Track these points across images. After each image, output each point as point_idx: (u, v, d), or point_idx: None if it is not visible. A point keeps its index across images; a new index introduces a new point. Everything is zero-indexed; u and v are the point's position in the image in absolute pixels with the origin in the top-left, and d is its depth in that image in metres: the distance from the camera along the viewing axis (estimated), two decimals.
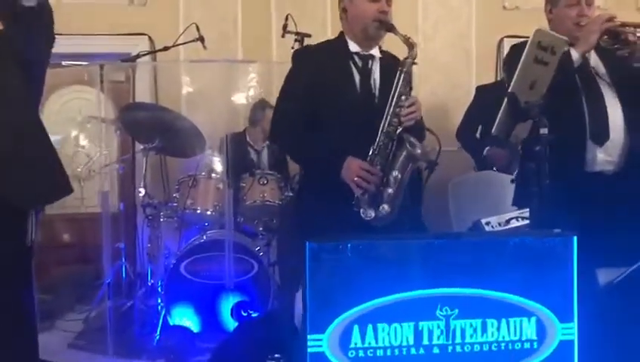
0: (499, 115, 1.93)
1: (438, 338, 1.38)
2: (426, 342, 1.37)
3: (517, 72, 1.91)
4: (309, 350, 1.31)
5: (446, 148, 4.29)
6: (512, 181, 2.05)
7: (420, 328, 1.37)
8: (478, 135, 3.24)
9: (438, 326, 1.37)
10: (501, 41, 4.61)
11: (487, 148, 3.39)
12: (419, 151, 2.06)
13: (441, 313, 1.37)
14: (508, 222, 2.49)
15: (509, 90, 1.91)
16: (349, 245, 1.34)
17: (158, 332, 3.18)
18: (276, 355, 2.23)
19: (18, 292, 2.01)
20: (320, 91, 2.15)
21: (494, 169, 3.40)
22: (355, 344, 1.35)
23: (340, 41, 2.24)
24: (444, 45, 4.70)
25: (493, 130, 1.94)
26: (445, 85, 4.70)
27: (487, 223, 2.52)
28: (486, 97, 3.65)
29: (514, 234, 2.18)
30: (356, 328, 1.35)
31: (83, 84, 4.38)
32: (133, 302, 3.52)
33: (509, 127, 1.96)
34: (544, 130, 1.75)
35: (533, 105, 1.80)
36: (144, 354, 3.10)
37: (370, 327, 1.35)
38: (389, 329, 1.36)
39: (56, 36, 2.13)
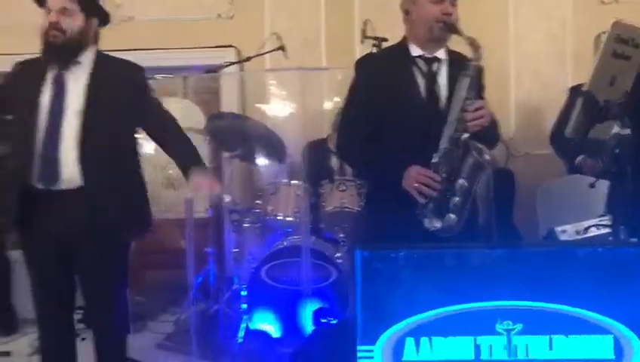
0: (573, 115, 1.79)
1: (500, 353, 1.30)
2: (485, 356, 1.30)
3: (594, 68, 1.76)
4: (360, 361, 1.28)
5: (539, 151, 4.09)
6: (591, 185, 1.89)
7: (479, 342, 1.29)
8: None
9: (499, 342, 1.29)
10: (598, 37, 4.32)
11: (580, 157, 3.18)
12: (487, 157, 1.96)
13: (502, 327, 1.29)
14: (586, 230, 2.30)
15: (585, 89, 1.77)
16: (401, 254, 1.29)
17: (240, 336, 3.25)
18: None
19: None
20: (383, 98, 2.11)
21: None
22: (409, 357, 1.30)
23: (402, 45, 2.20)
24: (537, 44, 4.50)
25: (566, 130, 1.81)
26: (538, 86, 4.50)
27: (563, 231, 2.34)
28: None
29: (585, 243, 2.02)
30: (410, 340, 1.30)
31: (175, 95, 4.59)
32: (219, 307, 3.63)
33: (586, 127, 1.82)
34: (626, 131, 1.60)
35: (613, 103, 1.66)
36: (226, 358, 3.19)
37: (425, 340, 1.30)
38: (445, 343, 1.30)
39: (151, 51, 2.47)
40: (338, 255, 3.46)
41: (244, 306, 3.39)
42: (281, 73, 4.46)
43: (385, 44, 3.35)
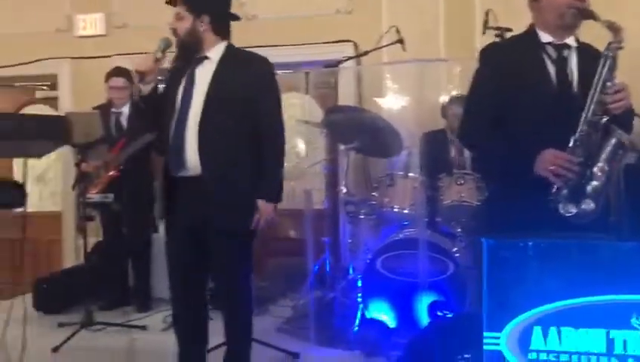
0: None
1: (634, 349, 1.25)
2: (619, 351, 1.25)
3: None
4: (485, 347, 1.28)
5: None
6: None
7: (612, 336, 1.25)
8: None
9: (635, 337, 1.24)
10: None
11: None
12: (627, 141, 1.88)
13: (638, 322, 1.24)
14: None
15: None
16: (530, 243, 1.28)
17: (356, 325, 3.32)
18: (466, 355, 2.20)
19: None
20: (511, 87, 2.07)
21: None
22: (536, 346, 1.28)
23: (531, 33, 2.14)
24: None
25: None
26: None
27: None
28: None
29: None
30: (537, 329, 1.28)
31: (295, 90, 4.74)
32: (335, 294, 3.72)
33: None
34: None
35: None
36: (342, 344, 3.27)
37: (553, 330, 1.28)
38: (575, 334, 1.27)
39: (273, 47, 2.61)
40: (455, 249, 3.43)
41: (360, 295, 3.46)
42: (397, 66, 4.47)
43: (508, 35, 3.26)
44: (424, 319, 3.23)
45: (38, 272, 5.51)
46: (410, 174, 3.56)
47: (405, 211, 3.53)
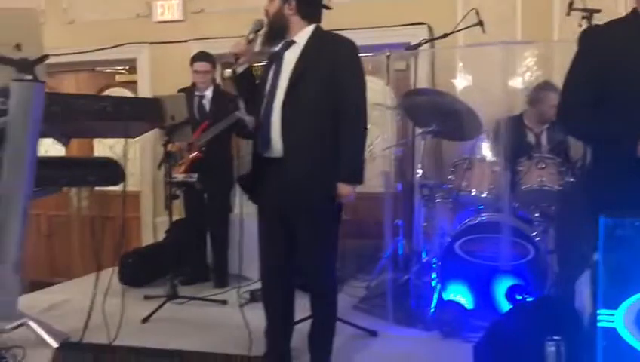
0: None
1: None
2: None
3: None
4: (600, 324, 1.30)
5: None
6: None
7: None
8: None
9: None
10: None
11: None
12: None
13: None
14: None
15: None
16: None
17: (433, 306, 3.36)
18: (555, 337, 2.20)
19: None
20: (613, 71, 2.04)
21: None
22: None
23: (634, 16, 2.09)
24: None
25: None
26: None
27: None
28: None
29: None
30: None
31: (368, 74, 4.75)
32: (409, 276, 3.76)
33: None
34: None
35: None
36: (420, 324, 3.32)
37: None
38: None
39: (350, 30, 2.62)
40: (534, 233, 3.40)
41: (435, 277, 3.49)
42: (472, 49, 4.43)
43: (597, 17, 3.18)
44: (502, 302, 3.24)
45: (119, 249, 5.82)
46: (489, 158, 3.54)
47: (483, 195, 3.52)
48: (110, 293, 3.10)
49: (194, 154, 4.18)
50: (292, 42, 2.60)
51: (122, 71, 5.78)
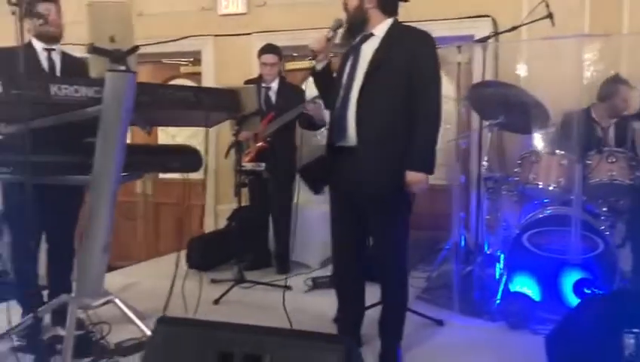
0: None
1: None
2: None
3: None
4: None
5: None
6: None
7: None
8: None
9: None
10: None
11: None
12: None
13: None
14: None
15: None
16: None
17: (498, 297, 3.38)
18: (634, 330, 2.21)
19: None
20: None
21: None
22: None
23: None
24: None
25: None
26: None
27: None
28: None
29: None
30: None
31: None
32: (472, 268, 3.79)
33: None
34: None
35: None
36: (485, 315, 3.35)
37: None
38: None
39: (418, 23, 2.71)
40: (602, 227, 3.38)
41: (500, 269, 3.51)
42: (537, 42, 4.40)
43: None
44: (570, 296, 3.24)
45: (183, 235, 6.01)
46: (558, 151, 3.53)
47: (550, 188, 3.52)
48: (178, 276, 3.23)
49: (260, 144, 4.29)
50: (370, 35, 2.66)
51: (186, 63, 5.94)
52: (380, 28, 2.66)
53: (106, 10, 2.55)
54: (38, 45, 3.02)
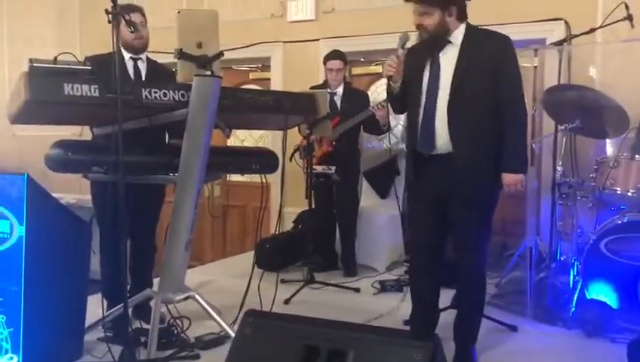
0: None
1: None
2: None
3: None
4: None
5: None
6: None
7: None
8: None
9: None
10: None
11: None
12: None
13: None
14: None
15: None
16: None
17: (573, 305, 3.31)
18: None
19: None
20: None
21: None
22: None
23: None
24: None
25: None
26: None
27: None
28: None
29: None
30: None
31: None
32: (545, 275, 3.73)
33: None
34: None
35: None
36: (560, 322, 3.30)
37: None
38: None
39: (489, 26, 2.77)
40: None
41: (574, 276, 3.43)
42: (613, 45, 4.30)
43: None
44: None
45: (247, 236, 6.15)
46: (637, 156, 3.43)
47: (629, 194, 3.43)
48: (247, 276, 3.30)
49: (325, 148, 4.37)
50: (447, 42, 2.68)
51: (255, 69, 6.10)
52: (456, 35, 2.67)
53: (195, 17, 2.68)
54: (126, 54, 3.19)
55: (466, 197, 2.64)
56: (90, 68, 2.57)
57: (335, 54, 4.52)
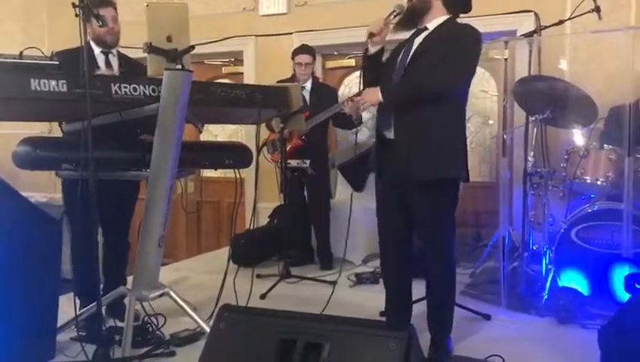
0: None
1: None
2: None
3: None
4: None
5: None
6: None
7: None
8: None
9: None
10: None
11: None
12: None
13: None
14: None
15: None
16: None
17: (546, 292, 3.37)
18: None
19: None
20: None
21: None
22: None
23: None
24: None
25: None
26: None
27: None
28: None
29: None
30: None
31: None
32: (518, 264, 3.78)
33: None
34: None
35: None
36: (532, 310, 3.35)
37: None
38: None
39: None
40: None
41: (546, 264, 3.49)
42: (580, 36, 4.37)
43: None
44: (620, 291, 3.21)
45: (222, 232, 6.11)
46: (607, 146, 3.50)
47: (598, 183, 3.49)
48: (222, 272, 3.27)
49: (295, 142, 4.37)
50: (424, 29, 2.68)
51: (227, 63, 6.05)
52: (434, 22, 2.66)
53: (164, 10, 2.63)
54: (96, 49, 3.13)
55: (415, 182, 2.60)
56: (57, 63, 2.52)
57: (304, 49, 4.51)
